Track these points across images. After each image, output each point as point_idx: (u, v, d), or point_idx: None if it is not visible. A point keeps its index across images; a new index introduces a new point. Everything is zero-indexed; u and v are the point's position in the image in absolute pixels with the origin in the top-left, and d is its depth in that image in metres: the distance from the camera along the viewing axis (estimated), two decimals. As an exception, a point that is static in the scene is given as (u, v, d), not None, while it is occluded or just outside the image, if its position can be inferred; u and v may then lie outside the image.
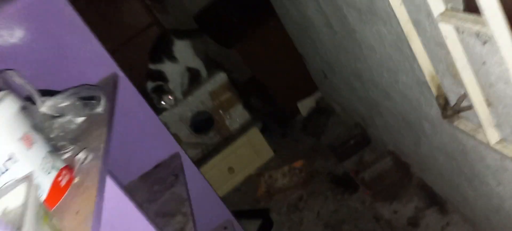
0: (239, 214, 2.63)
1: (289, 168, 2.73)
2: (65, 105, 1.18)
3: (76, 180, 0.89)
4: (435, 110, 1.47)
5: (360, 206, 2.24)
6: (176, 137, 2.85)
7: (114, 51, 1.77)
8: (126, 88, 1.57)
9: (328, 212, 2.33)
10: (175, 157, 1.66)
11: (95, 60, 1.52)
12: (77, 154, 0.95)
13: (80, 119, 1.19)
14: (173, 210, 1.36)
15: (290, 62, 2.95)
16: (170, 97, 2.73)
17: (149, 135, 1.65)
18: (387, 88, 1.76)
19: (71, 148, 1.04)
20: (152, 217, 1.38)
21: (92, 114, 1.18)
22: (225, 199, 2.94)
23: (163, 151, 1.69)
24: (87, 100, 1.23)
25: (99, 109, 1.17)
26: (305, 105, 3.07)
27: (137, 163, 1.67)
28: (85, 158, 0.94)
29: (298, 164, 2.71)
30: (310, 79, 2.98)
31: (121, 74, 1.54)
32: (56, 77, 1.51)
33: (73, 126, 1.18)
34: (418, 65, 1.28)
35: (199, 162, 2.92)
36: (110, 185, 0.91)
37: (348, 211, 2.26)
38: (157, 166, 1.67)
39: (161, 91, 2.70)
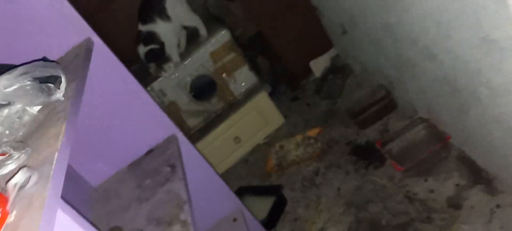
0: (247, 190, 2.35)
1: (303, 137, 2.41)
2: (13, 90, 0.86)
3: (11, 217, 0.58)
4: (502, 77, 1.13)
5: (388, 182, 1.94)
6: (174, 105, 2.53)
7: (91, 12, 1.43)
8: (105, 58, 1.23)
9: (350, 188, 2.03)
10: (171, 140, 1.35)
11: (63, 23, 1.18)
12: (15, 174, 0.63)
13: (35, 109, 0.86)
14: (169, 216, 1.06)
15: (302, 15, 2.58)
16: (170, 64, 2.39)
17: (136, 113, 1.32)
18: (432, 47, 1.41)
19: (15, 156, 0.72)
20: (143, 224, 1.08)
21: (50, 102, 0.86)
22: (231, 172, 2.67)
23: (156, 133, 1.37)
24: (44, 82, 0.90)
25: (58, 95, 0.84)
26: (319, 65, 2.73)
27: (123, 149, 1.35)
28: (27, 180, 0.62)
29: (313, 132, 2.40)
30: (325, 34, 2.62)
31: (97, 40, 1.21)
32: (12, 48, 1.18)
33: (25, 118, 0.86)
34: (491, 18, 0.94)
35: (201, 132, 2.62)
36: (64, 222, 0.60)
37: (374, 188, 1.96)
38: (149, 152, 1.36)
39: (157, 56, 2.35)
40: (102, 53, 1.21)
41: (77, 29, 1.18)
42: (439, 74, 1.50)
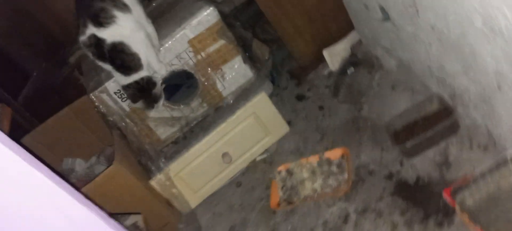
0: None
1: (319, 159, 1.76)
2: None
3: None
4: None
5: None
6: (137, 112, 1.81)
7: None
8: None
9: (400, 251, 1.42)
10: None
11: None
12: None
13: None
14: None
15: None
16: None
17: None
18: None
19: None
20: None
21: None
22: (218, 198, 2.00)
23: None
24: None
25: None
26: (335, 54, 2.04)
27: None
28: None
29: (335, 153, 1.75)
30: (344, 13, 1.92)
31: None
32: None
33: None
34: None
35: (177, 147, 1.91)
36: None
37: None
38: None
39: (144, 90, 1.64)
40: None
41: None
42: None
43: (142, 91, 1.62)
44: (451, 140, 1.57)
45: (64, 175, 1.69)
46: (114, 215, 1.16)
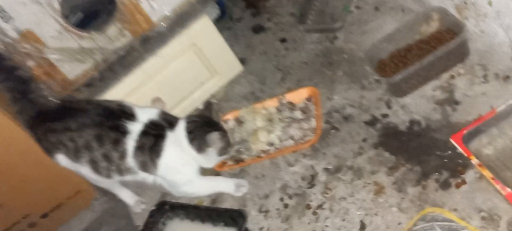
0: (178, 210, 1.25)
1: (278, 103, 1.31)
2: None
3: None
4: None
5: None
6: (32, 36, 1.32)
7: None
8: None
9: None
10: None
11: None
12: None
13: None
14: None
15: None
16: None
17: None
18: None
19: None
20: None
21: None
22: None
23: None
24: None
25: None
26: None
27: None
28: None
29: (299, 95, 1.30)
30: None
31: None
32: None
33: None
34: None
35: (91, 90, 1.42)
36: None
37: None
38: None
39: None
40: None
41: None
42: None
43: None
44: (458, 69, 1.14)
45: None
46: None
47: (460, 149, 0.94)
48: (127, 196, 1.33)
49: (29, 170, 1.30)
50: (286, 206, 1.11)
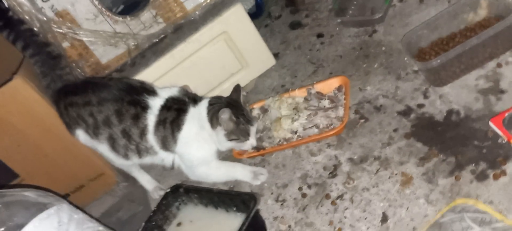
0: (192, 193, 1.19)
1: (307, 93, 1.24)
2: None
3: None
4: None
5: None
6: (67, 17, 1.35)
7: None
8: None
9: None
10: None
11: None
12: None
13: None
14: None
15: None
16: None
17: None
18: None
19: None
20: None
21: None
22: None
23: None
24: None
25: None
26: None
27: None
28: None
29: (328, 84, 1.22)
30: None
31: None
32: None
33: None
34: None
35: (123, 75, 1.43)
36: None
37: None
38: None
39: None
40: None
41: None
42: None
43: None
44: (506, 57, 1.01)
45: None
46: None
47: (500, 134, 0.82)
48: (146, 181, 1.30)
49: (53, 146, 1.31)
50: (304, 195, 1.02)
